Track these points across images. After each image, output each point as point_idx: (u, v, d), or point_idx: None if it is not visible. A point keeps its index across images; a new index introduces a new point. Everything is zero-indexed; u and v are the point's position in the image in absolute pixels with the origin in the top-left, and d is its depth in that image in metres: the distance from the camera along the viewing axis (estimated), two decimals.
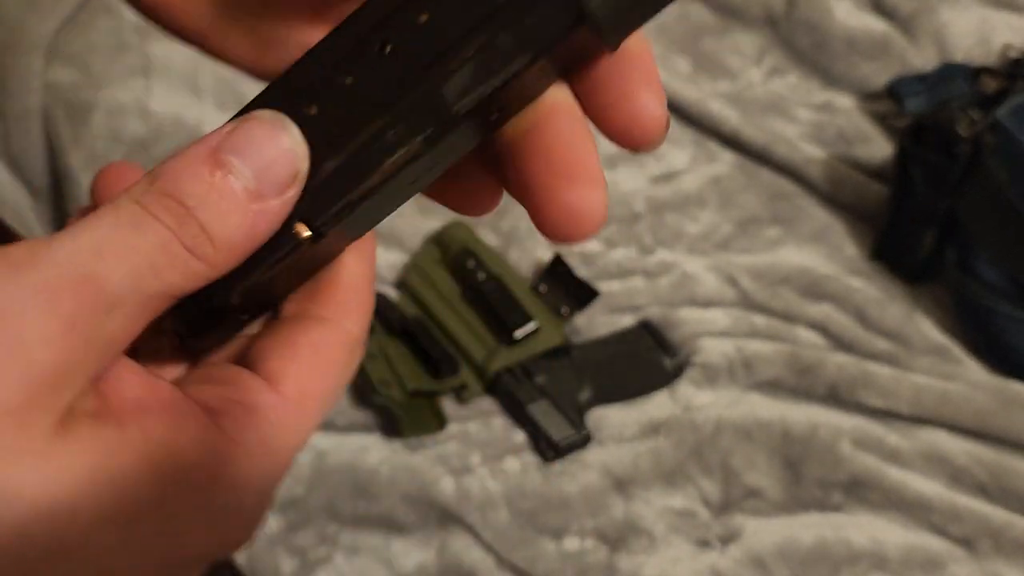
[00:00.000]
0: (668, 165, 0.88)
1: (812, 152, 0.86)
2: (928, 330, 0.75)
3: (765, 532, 0.63)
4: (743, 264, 0.78)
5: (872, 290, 0.77)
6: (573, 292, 0.73)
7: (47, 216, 0.76)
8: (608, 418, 0.68)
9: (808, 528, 0.64)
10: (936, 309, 0.77)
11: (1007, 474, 0.66)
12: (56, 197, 0.79)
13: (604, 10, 0.19)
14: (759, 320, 0.74)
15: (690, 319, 0.73)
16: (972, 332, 0.75)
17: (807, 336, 0.74)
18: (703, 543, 0.63)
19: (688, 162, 0.88)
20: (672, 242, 0.81)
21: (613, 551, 0.62)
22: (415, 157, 0.20)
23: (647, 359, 0.71)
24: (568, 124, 0.21)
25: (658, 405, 0.69)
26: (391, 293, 0.73)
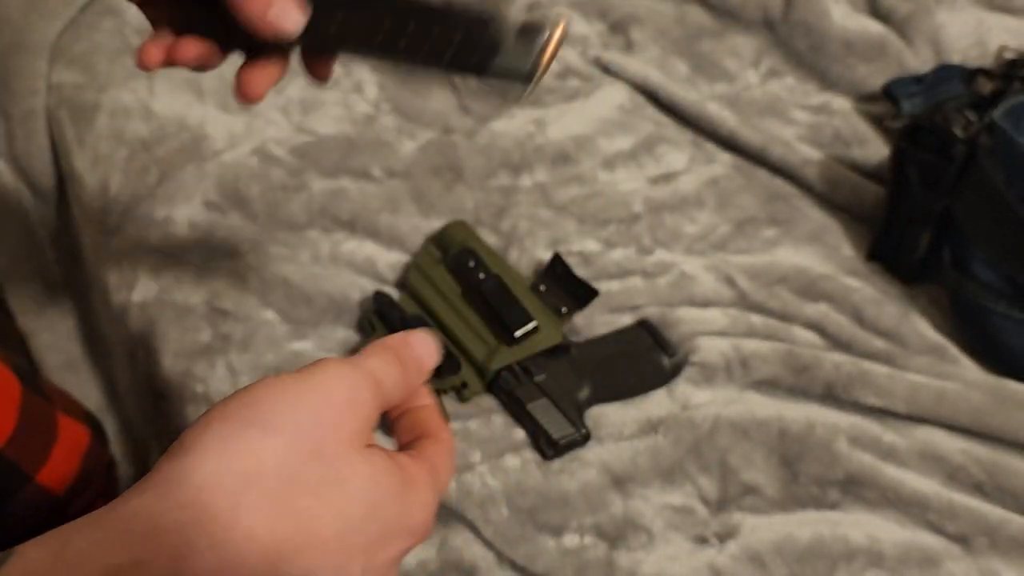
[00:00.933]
0: (666, 166, 0.88)
1: (809, 153, 0.86)
2: (924, 329, 0.75)
3: (762, 529, 0.63)
4: (740, 264, 0.79)
5: (868, 290, 0.77)
6: (572, 291, 0.73)
7: (51, 217, 0.77)
8: (607, 416, 0.68)
9: (805, 525, 0.64)
10: (932, 309, 0.77)
11: (1003, 472, 0.66)
12: (60, 198, 0.80)
13: None
14: (756, 320, 0.74)
15: (688, 318, 0.74)
16: (968, 332, 0.75)
17: (804, 335, 0.74)
18: (701, 540, 0.63)
19: (686, 163, 0.88)
20: (670, 242, 0.81)
21: (612, 548, 0.62)
22: None
23: (646, 358, 0.71)
24: None
25: (657, 403, 0.69)
26: (393, 293, 0.74)
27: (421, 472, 0.35)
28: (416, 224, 0.80)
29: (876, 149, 0.88)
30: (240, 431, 0.29)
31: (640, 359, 0.71)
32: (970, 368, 0.72)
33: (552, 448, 0.65)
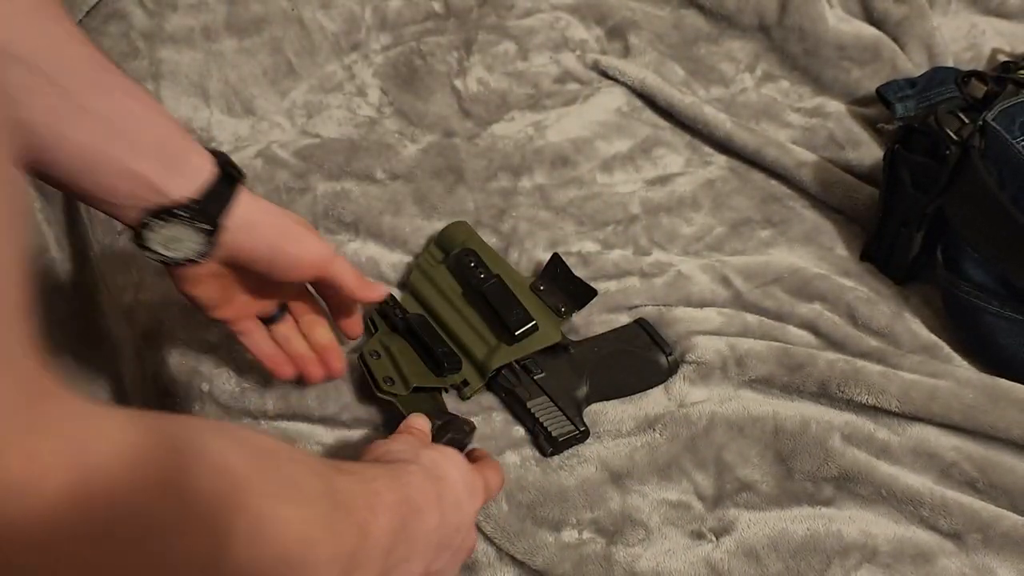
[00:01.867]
0: (663, 168, 0.89)
1: (803, 156, 0.87)
2: (917, 329, 0.76)
3: (758, 525, 0.64)
4: (736, 264, 0.79)
5: (862, 290, 0.77)
6: (571, 291, 0.73)
7: (58, 217, 0.77)
8: (605, 414, 0.69)
9: (800, 521, 0.64)
10: (925, 308, 0.78)
11: (995, 469, 0.66)
12: (67, 199, 0.80)
13: None
14: (751, 319, 0.75)
15: (684, 318, 0.74)
16: (961, 331, 0.75)
17: (798, 334, 0.74)
18: (697, 535, 0.64)
19: (683, 165, 0.89)
20: (667, 243, 0.82)
21: (610, 543, 0.63)
22: None
23: (643, 356, 0.71)
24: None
25: (654, 401, 0.70)
26: (396, 293, 0.74)
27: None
28: (418, 225, 0.81)
29: (870, 151, 0.88)
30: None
31: (638, 357, 0.71)
32: (962, 366, 0.73)
33: (551, 445, 0.66)
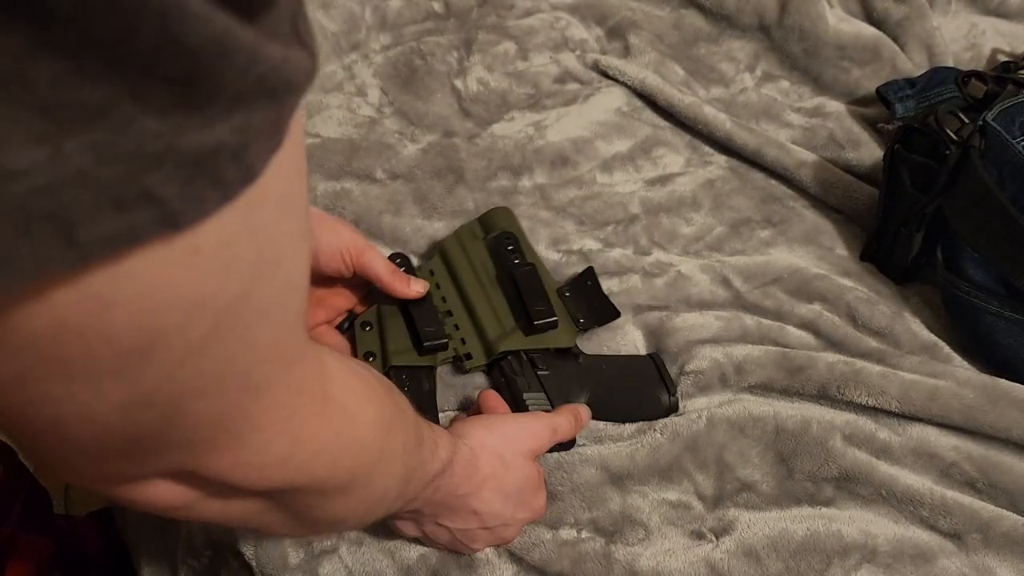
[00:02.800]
0: (663, 168, 0.89)
1: (803, 156, 0.87)
2: (917, 329, 0.76)
3: (758, 525, 0.64)
4: (736, 265, 0.79)
5: (862, 290, 0.77)
6: (595, 307, 0.72)
7: None
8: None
9: (800, 521, 0.64)
10: (925, 308, 0.78)
11: (995, 469, 0.66)
12: None
13: None
14: (750, 322, 0.75)
15: (684, 327, 0.73)
16: (960, 331, 0.75)
17: (798, 335, 0.74)
18: (697, 535, 0.64)
19: (683, 165, 0.89)
20: (667, 243, 0.82)
21: (609, 542, 0.63)
22: None
23: (647, 390, 0.70)
24: None
25: None
26: (413, 259, 0.73)
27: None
28: (418, 225, 0.81)
29: (870, 151, 0.88)
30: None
31: (641, 389, 0.70)
32: (962, 366, 0.73)
33: None
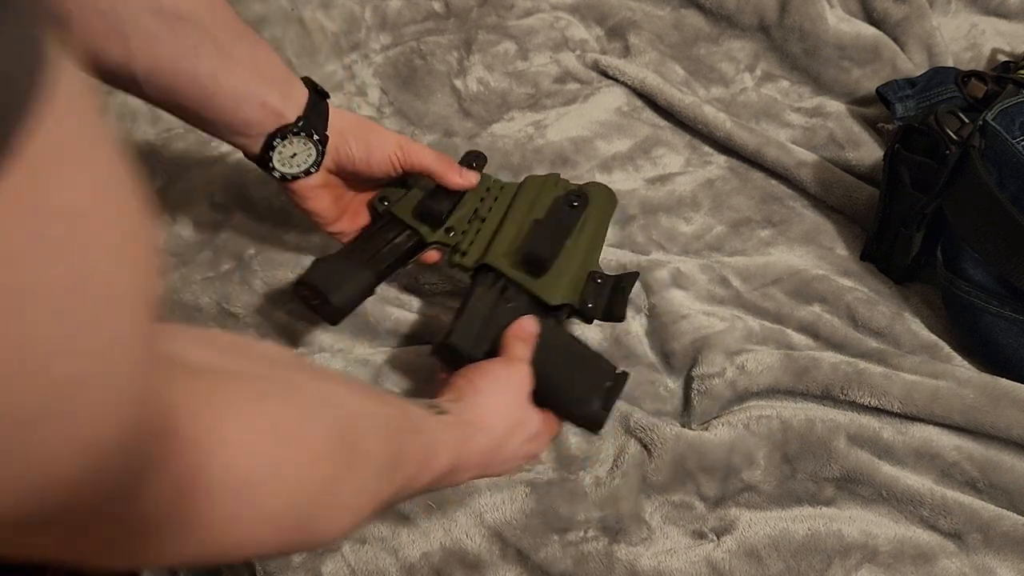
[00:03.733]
0: (663, 168, 0.89)
1: (803, 155, 0.87)
2: (917, 329, 0.76)
3: (759, 524, 0.64)
4: (735, 265, 0.79)
5: (862, 290, 0.77)
6: (611, 304, 0.67)
7: None
8: (610, 416, 0.69)
9: (801, 521, 0.64)
10: (925, 308, 0.78)
11: (996, 469, 0.66)
12: None
13: None
14: (751, 322, 0.75)
15: (689, 330, 0.73)
16: (960, 331, 0.75)
17: (798, 336, 0.74)
18: (699, 535, 0.64)
19: (682, 165, 0.89)
20: (666, 243, 0.82)
21: (612, 542, 0.63)
22: None
23: (582, 391, 0.62)
24: None
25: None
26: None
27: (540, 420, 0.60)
28: None
29: (870, 151, 0.88)
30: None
31: (580, 387, 0.62)
32: (963, 366, 0.73)
33: (440, 344, 0.61)
